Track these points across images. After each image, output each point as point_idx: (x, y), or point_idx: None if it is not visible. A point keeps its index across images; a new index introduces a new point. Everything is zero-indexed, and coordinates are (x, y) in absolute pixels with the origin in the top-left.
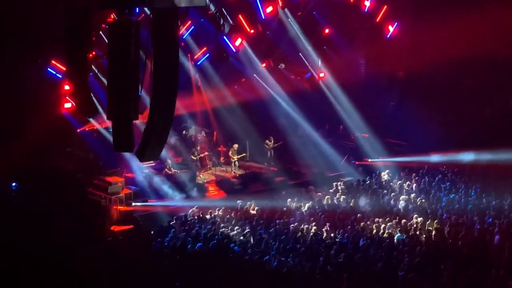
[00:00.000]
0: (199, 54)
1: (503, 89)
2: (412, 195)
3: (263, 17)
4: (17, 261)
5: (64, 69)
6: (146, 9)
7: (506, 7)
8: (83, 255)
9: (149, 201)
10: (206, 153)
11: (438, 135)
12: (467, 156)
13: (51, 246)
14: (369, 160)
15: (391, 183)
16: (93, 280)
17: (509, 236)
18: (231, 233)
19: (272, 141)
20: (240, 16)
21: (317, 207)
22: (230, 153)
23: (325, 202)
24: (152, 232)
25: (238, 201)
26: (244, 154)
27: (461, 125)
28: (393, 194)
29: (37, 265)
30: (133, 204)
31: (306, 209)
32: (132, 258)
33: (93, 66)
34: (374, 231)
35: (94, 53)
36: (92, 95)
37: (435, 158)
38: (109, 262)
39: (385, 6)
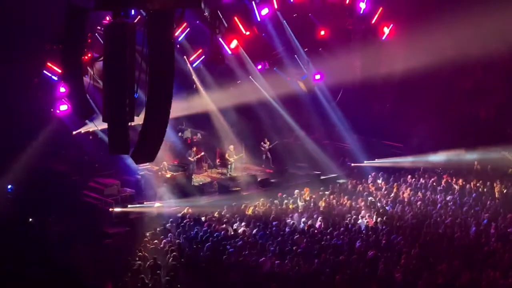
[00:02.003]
0: (194, 56)
1: (497, 89)
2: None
3: (259, 19)
4: (15, 262)
5: (59, 71)
6: (141, 11)
7: (499, 8)
8: (79, 256)
9: (144, 203)
10: (202, 153)
11: (434, 136)
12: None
13: (47, 247)
14: (365, 162)
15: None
16: (90, 280)
17: (505, 237)
18: (227, 235)
19: (268, 143)
20: (235, 18)
21: (313, 209)
22: (227, 155)
23: (321, 203)
24: (147, 234)
25: (233, 203)
26: (241, 155)
27: (457, 125)
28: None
29: (33, 264)
30: (129, 206)
31: (301, 210)
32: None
33: (88, 68)
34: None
35: (89, 55)
36: (87, 97)
37: (431, 159)
38: (105, 264)
39: (381, 8)
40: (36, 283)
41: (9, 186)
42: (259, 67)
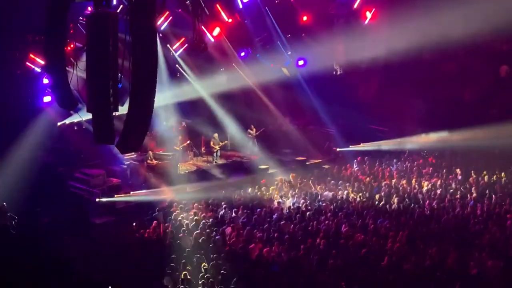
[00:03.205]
0: (177, 44)
1: (482, 72)
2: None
3: (241, 6)
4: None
5: (42, 62)
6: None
7: None
8: (68, 247)
9: (131, 193)
10: (188, 142)
11: (418, 119)
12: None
13: (36, 238)
14: (350, 146)
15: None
16: (79, 270)
17: (491, 218)
18: (214, 222)
19: (254, 129)
20: (217, 6)
21: (298, 195)
22: (211, 143)
23: (306, 189)
24: (134, 224)
25: (222, 191)
26: (226, 142)
27: (441, 108)
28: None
29: (22, 255)
30: (115, 196)
31: (286, 196)
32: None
33: (71, 59)
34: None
35: (72, 45)
36: (71, 88)
37: (416, 142)
38: (94, 253)
39: None
40: (24, 274)
41: None
42: (242, 54)
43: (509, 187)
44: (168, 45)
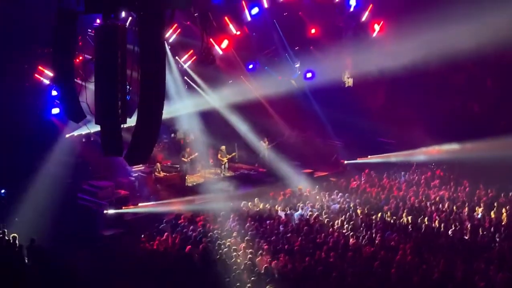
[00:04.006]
0: (186, 57)
1: (489, 84)
2: None
3: (249, 19)
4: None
5: (51, 74)
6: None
7: (489, 3)
8: (76, 259)
9: (139, 205)
10: (196, 154)
11: (426, 131)
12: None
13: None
14: (358, 159)
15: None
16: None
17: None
18: (222, 235)
19: (267, 142)
20: (225, 18)
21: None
22: (219, 155)
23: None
24: (143, 236)
25: (230, 203)
26: (234, 154)
27: (449, 121)
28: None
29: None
30: (123, 208)
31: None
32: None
33: (80, 71)
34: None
35: (81, 57)
36: (79, 100)
37: (423, 155)
38: (102, 265)
39: (371, 5)
40: (34, 286)
41: (2, 191)
42: (251, 66)
43: None
44: (176, 57)
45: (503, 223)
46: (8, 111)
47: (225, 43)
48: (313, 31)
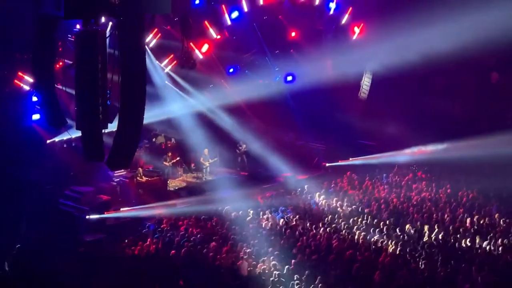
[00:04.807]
0: (166, 61)
1: (470, 86)
2: None
3: (229, 23)
4: None
5: (31, 80)
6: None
7: (470, 6)
8: (57, 264)
9: (121, 209)
10: (178, 158)
11: (407, 133)
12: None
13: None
14: (339, 161)
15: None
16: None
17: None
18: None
19: (244, 145)
20: (205, 22)
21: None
22: (201, 159)
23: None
24: (126, 241)
25: (212, 207)
26: (216, 159)
27: (430, 122)
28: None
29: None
30: (106, 213)
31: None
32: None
33: (60, 77)
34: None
35: (61, 63)
36: (60, 106)
37: (405, 156)
38: (84, 271)
39: (350, 8)
40: None
41: None
42: (231, 70)
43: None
44: (157, 62)
45: (484, 224)
46: None
47: (205, 47)
48: (293, 34)
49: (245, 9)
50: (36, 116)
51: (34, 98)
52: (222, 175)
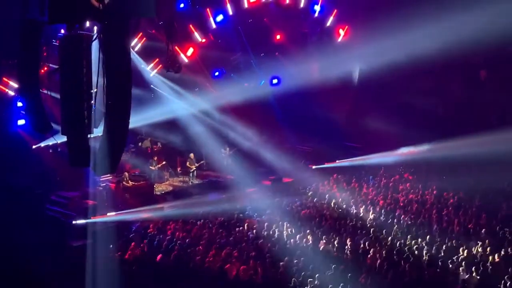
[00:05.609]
0: (152, 65)
1: (456, 88)
2: None
3: (214, 26)
4: None
5: (16, 85)
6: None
7: (455, 8)
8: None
9: (107, 214)
10: (164, 162)
11: (394, 135)
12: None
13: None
14: (326, 163)
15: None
16: None
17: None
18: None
19: (228, 149)
20: (190, 26)
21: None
22: (188, 163)
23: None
24: (112, 246)
25: (198, 210)
26: (202, 162)
27: (416, 124)
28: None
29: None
30: (92, 218)
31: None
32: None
33: (45, 81)
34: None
35: (46, 68)
36: (45, 111)
37: (391, 158)
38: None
39: (335, 10)
40: None
41: None
42: (217, 73)
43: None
44: (142, 66)
45: (470, 226)
46: None
47: (190, 51)
48: (278, 37)
49: (230, 12)
50: (21, 122)
51: (19, 104)
52: (208, 178)
